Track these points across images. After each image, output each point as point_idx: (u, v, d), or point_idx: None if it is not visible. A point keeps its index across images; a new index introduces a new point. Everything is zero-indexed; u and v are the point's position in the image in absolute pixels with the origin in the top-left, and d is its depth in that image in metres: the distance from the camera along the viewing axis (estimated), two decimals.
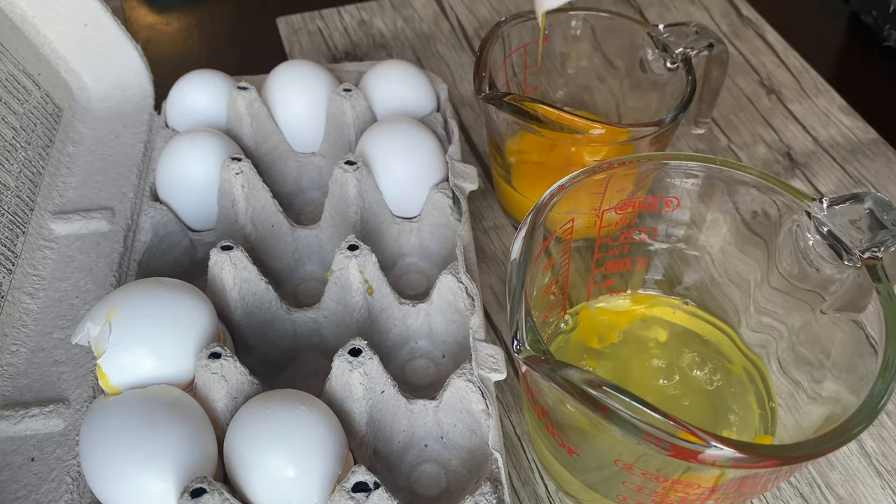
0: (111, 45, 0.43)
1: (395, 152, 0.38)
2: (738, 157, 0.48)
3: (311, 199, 0.44)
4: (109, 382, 0.29)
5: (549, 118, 0.35)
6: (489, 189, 0.45)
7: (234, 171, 0.37)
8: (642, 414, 0.22)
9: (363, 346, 0.30)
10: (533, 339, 0.25)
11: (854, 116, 0.50)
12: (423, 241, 0.40)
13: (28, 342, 0.34)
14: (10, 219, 0.36)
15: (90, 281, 0.36)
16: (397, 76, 0.42)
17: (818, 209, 0.29)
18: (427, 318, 0.36)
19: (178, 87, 0.42)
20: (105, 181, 0.41)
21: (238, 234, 0.38)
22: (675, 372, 0.34)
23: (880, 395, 0.24)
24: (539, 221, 0.29)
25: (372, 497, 0.27)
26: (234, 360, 0.29)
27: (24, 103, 0.39)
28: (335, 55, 0.54)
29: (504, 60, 0.41)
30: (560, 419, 0.29)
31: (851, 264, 0.28)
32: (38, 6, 0.40)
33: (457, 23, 0.57)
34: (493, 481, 0.29)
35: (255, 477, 0.27)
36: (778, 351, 0.33)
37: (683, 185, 0.33)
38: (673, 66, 0.39)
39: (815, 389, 0.30)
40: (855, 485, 0.34)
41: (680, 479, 0.26)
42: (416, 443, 0.33)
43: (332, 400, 0.30)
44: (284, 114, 0.42)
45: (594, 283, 0.36)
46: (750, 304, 0.34)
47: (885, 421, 0.36)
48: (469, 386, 0.30)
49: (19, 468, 0.30)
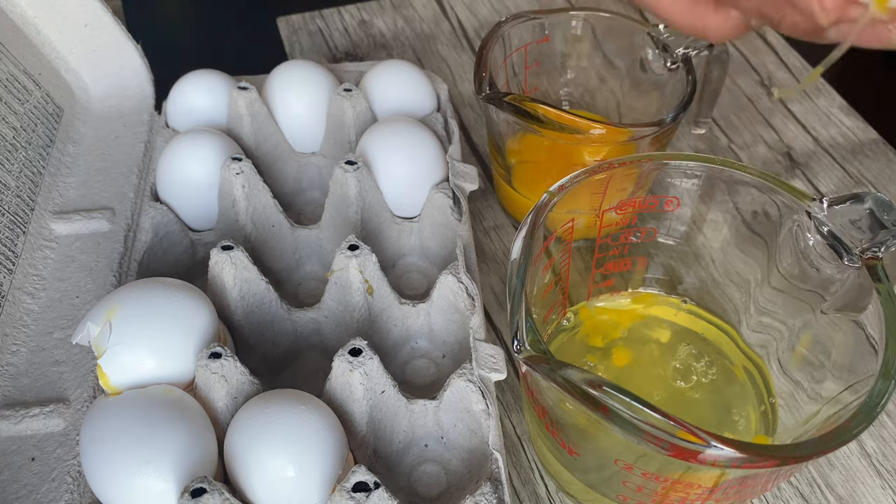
0: (112, 45, 0.43)
1: (396, 152, 0.38)
2: (739, 157, 0.48)
3: (311, 199, 0.44)
4: (110, 382, 0.29)
5: (549, 118, 0.35)
6: (489, 189, 0.45)
7: (234, 171, 0.37)
8: (642, 414, 0.22)
9: (363, 346, 0.30)
10: (533, 339, 0.25)
11: (854, 116, 0.50)
12: (424, 241, 0.40)
13: (28, 342, 0.34)
14: (11, 219, 0.36)
15: (90, 281, 0.36)
16: (397, 76, 0.42)
17: (818, 209, 0.29)
18: (427, 318, 0.36)
19: (178, 87, 0.42)
20: (105, 181, 0.41)
21: (238, 234, 0.38)
22: (675, 372, 0.34)
23: (880, 396, 0.24)
24: (539, 221, 0.29)
25: (372, 497, 0.27)
26: (235, 359, 0.29)
27: (25, 103, 0.39)
28: (335, 55, 0.54)
29: (504, 60, 0.41)
30: (560, 419, 0.29)
31: (851, 264, 0.28)
32: (39, 6, 0.40)
33: (457, 23, 0.57)
34: (493, 481, 0.29)
35: (256, 477, 0.27)
36: (778, 351, 0.33)
37: (684, 185, 0.33)
38: (673, 66, 0.39)
39: (815, 389, 0.30)
40: (855, 485, 0.34)
41: (680, 479, 0.26)
42: (417, 443, 0.33)
43: (332, 400, 0.30)
44: (285, 114, 0.42)
45: (594, 283, 0.36)
46: (750, 304, 0.34)
47: (885, 421, 0.36)
48: (469, 386, 0.30)
49: (20, 468, 0.30)
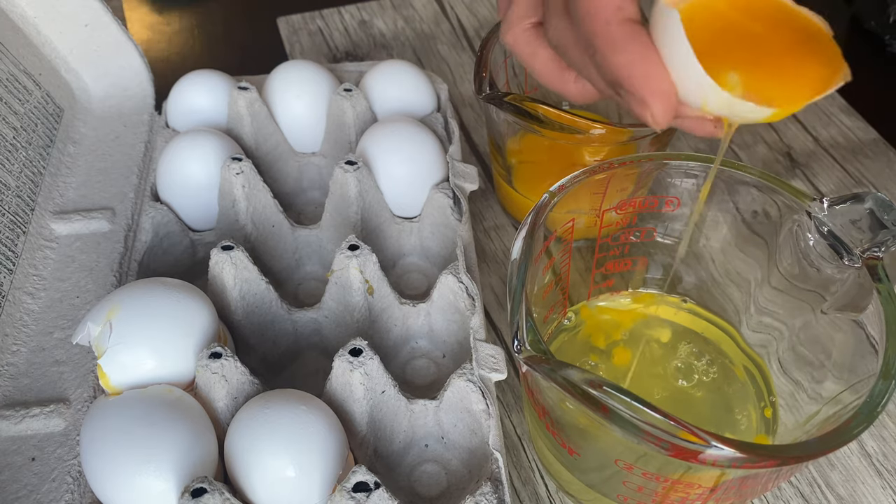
0: (112, 46, 0.43)
1: (396, 152, 0.38)
2: (739, 157, 0.48)
3: (311, 199, 0.44)
4: (110, 382, 0.29)
5: (549, 118, 0.35)
6: (489, 189, 0.45)
7: (234, 171, 0.37)
8: (643, 414, 0.22)
9: (364, 346, 0.30)
10: (533, 339, 0.25)
11: (854, 116, 0.50)
12: (424, 241, 0.40)
13: (29, 342, 0.34)
14: (11, 219, 0.36)
15: (91, 281, 0.36)
16: (398, 76, 0.42)
17: (819, 209, 0.29)
18: (427, 318, 0.36)
19: (178, 87, 0.42)
20: (106, 181, 0.41)
21: (238, 234, 0.38)
22: (675, 372, 0.34)
23: (881, 396, 0.24)
24: (540, 221, 0.29)
25: (372, 497, 0.27)
26: (235, 359, 0.29)
27: (25, 103, 0.39)
28: (336, 55, 0.54)
29: (504, 60, 0.41)
30: (561, 419, 0.29)
31: (852, 264, 0.28)
32: (39, 6, 0.40)
33: (457, 23, 0.57)
34: (493, 481, 0.29)
35: (256, 477, 0.27)
36: (779, 351, 0.33)
37: (684, 185, 0.33)
38: None
39: (815, 389, 0.30)
40: (855, 485, 0.34)
41: (680, 479, 0.26)
42: (417, 443, 0.33)
43: (332, 400, 0.30)
44: (285, 114, 0.42)
45: (594, 283, 0.36)
46: (750, 304, 0.34)
47: (885, 421, 0.36)
48: (469, 386, 0.30)
49: (20, 468, 0.30)
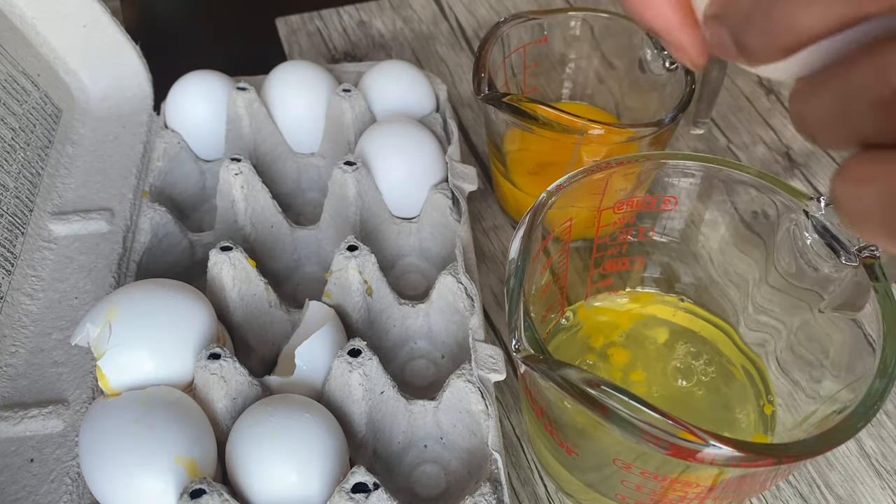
0: (110, 46, 0.43)
1: (395, 153, 0.38)
2: (738, 157, 0.48)
3: (310, 200, 0.44)
4: (109, 383, 0.29)
5: (548, 118, 0.35)
6: (488, 189, 0.45)
7: (233, 172, 0.37)
8: (641, 413, 0.22)
9: (363, 346, 0.30)
10: (531, 339, 0.25)
11: None
12: (423, 242, 0.40)
13: (27, 343, 0.34)
14: (9, 220, 0.36)
15: (89, 282, 0.36)
16: (397, 77, 0.42)
17: (816, 208, 0.29)
18: (426, 319, 0.36)
19: (177, 87, 0.42)
20: (104, 182, 0.41)
21: (237, 234, 0.38)
22: (673, 371, 0.34)
23: (878, 394, 0.24)
24: (537, 221, 0.29)
25: (371, 498, 0.27)
26: (234, 360, 0.29)
27: (24, 104, 0.39)
28: (334, 55, 0.54)
29: (503, 61, 0.41)
30: (559, 419, 0.29)
31: (849, 263, 0.28)
32: (38, 7, 0.40)
33: (456, 23, 0.57)
34: (492, 482, 0.29)
35: (258, 481, 0.27)
36: (777, 350, 0.33)
37: (682, 185, 0.33)
38: (672, 66, 0.39)
39: (813, 388, 0.30)
40: (854, 485, 0.34)
41: (678, 478, 0.26)
42: (416, 443, 0.33)
43: (331, 401, 0.30)
44: (284, 114, 0.42)
45: (592, 283, 0.36)
46: (748, 304, 0.34)
47: (884, 421, 0.36)
48: (469, 386, 0.30)
49: (19, 469, 0.30)
